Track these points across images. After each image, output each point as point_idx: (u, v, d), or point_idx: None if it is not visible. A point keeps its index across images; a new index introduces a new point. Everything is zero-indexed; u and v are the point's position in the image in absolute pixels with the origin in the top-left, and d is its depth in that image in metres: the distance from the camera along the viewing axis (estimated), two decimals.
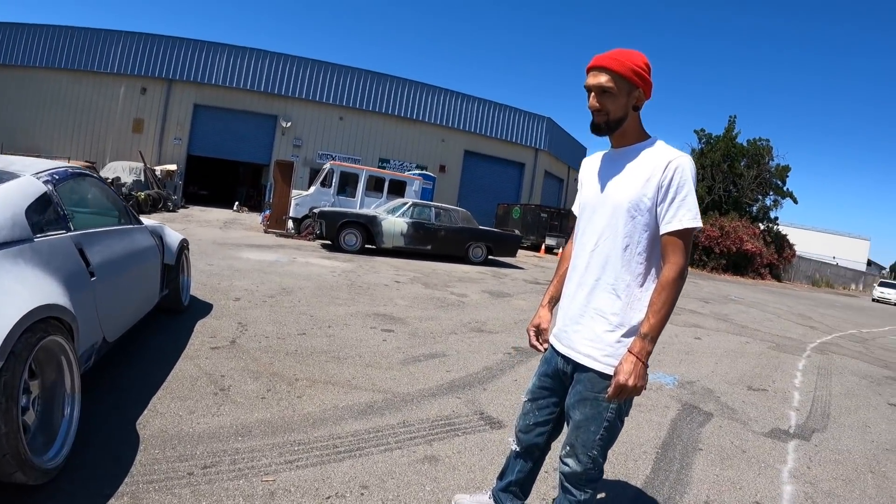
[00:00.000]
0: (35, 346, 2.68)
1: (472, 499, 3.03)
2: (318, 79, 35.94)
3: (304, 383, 4.69)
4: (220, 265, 10.40)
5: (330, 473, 3.24)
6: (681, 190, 2.20)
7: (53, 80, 33.50)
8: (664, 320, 2.21)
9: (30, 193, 3.36)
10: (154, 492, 2.84)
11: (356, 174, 20.78)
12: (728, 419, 5.28)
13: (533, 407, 2.73)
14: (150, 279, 5.32)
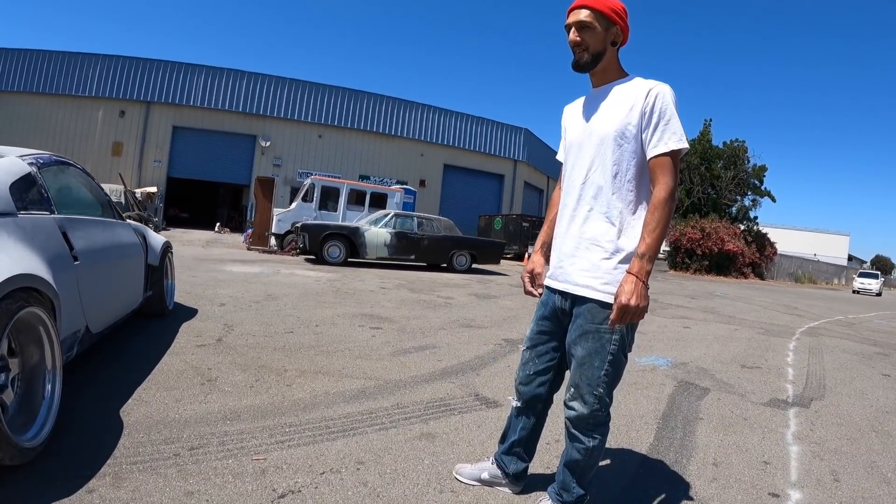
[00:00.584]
0: (14, 314, 2.65)
1: (475, 467, 2.94)
2: (295, 97, 35.92)
3: (293, 374, 4.59)
4: (203, 277, 10.28)
5: (324, 451, 3.14)
6: (664, 115, 2.25)
7: (30, 104, 33.22)
8: (660, 239, 2.20)
9: (13, 172, 3.39)
10: (138, 472, 2.73)
11: (337, 188, 20.72)
12: (725, 392, 5.24)
13: (532, 355, 2.66)
14: (133, 276, 5.25)
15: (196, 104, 34.41)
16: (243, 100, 35.00)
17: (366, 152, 37.61)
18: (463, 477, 2.92)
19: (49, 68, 33.40)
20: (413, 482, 2.86)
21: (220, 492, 2.60)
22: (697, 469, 3.36)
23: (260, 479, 2.75)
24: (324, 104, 36.55)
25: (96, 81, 33.55)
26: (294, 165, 35.59)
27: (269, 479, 2.76)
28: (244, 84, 35.06)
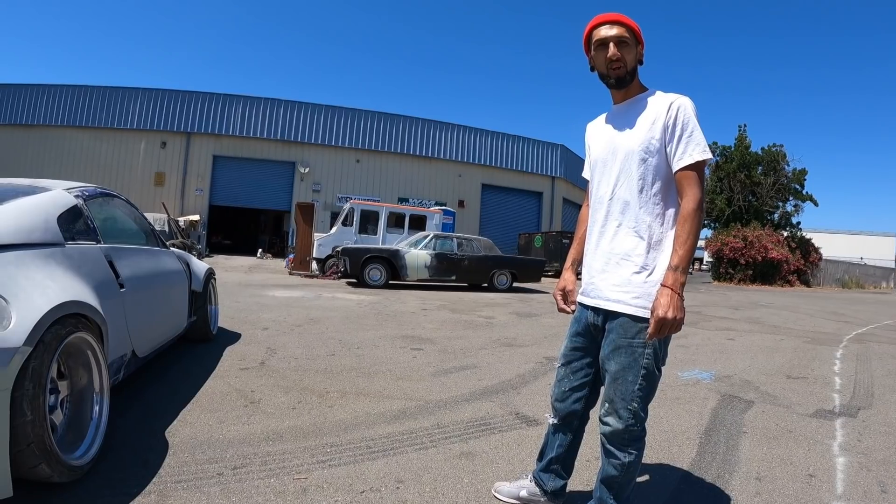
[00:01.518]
0: (64, 339, 2.78)
1: (513, 485, 2.94)
2: (332, 123, 36.42)
3: (335, 395, 4.64)
4: (246, 302, 10.47)
5: (364, 471, 3.16)
6: (686, 127, 2.28)
7: (74, 138, 34.31)
8: (691, 251, 2.22)
9: (60, 204, 3.60)
10: (182, 490, 2.81)
11: (377, 212, 20.87)
12: (770, 405, 5.14)
13: (567, 371, 2.66)
14: (178, 302, 5.40)
15: (235, 133, 35.15)
16: (281, 127, 35.62)
17: (404, 175, 37.88)
18: (501, 495, 2.91)
19: (92, 103, 34.55)
20: (452, 500, 2.86)
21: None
22: (740, 484, 3.30)
23: (301, 498, 2.78)
24: (361, 129, 36.98)
25: (138, 114, 34.59)
26: (333, 190, 35.96)
27: (309, 497, 2.79)
28: (282, 112, 35.71)
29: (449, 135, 39.12)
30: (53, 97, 34.66)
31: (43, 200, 3.52)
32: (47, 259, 3.07)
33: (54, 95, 34.67)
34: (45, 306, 2.67)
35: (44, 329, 2.60)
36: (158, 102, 34.73)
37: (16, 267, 2.80)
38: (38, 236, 3.15)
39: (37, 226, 3.20)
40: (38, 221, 3.24)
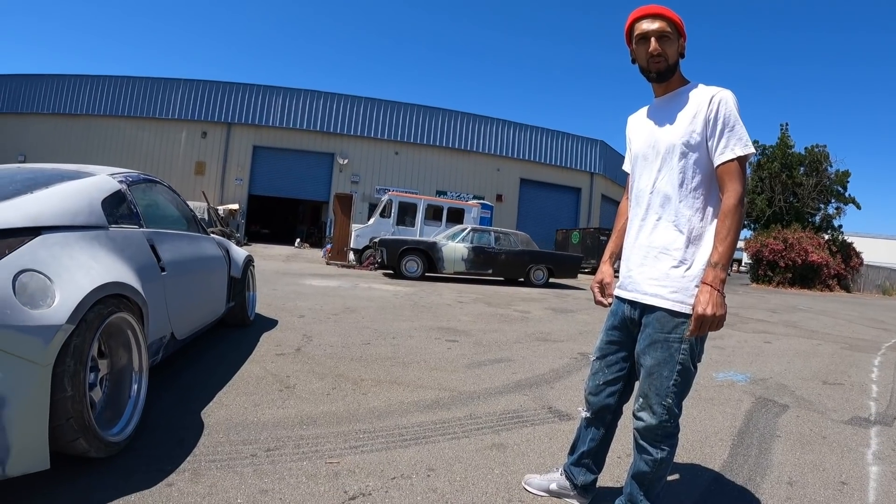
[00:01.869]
0: (106, 319, 2.87)
1: (544, 477, 2.93)
2: (372, 115, 36.47)
3: (369, 383, 4.68)
4: (284, 290, 10.58)
5: (395, 458, 3.19)
6: (728, 121, 2.24)
7: (117, 127, 35.08)
8: (732, 247, 2.19)
9: (105, 189, 3.72)
10: (216, 469, 2.88)
11: (415, 204, 20.90)
12: (805, 410, 5.04)
13: (602, 365, 2.65)
14: (217, 287, 5.50)
15: (275, 124, 35.45)
16: (321, 119, 35.82)
17: (442, 168, 37.80)
18: (531, 487, 2.91)
19: (134, 93, 35.27)
20: (482, 490, 2.86)
21: (293, 491, 2.69)
22: (771, 488, 3.25)
23: (332, 482, 2.81)
24: (400, 121, 36.97)
25: (179, 105, 35.21)
26: (371, 182, 36.07)
27: (341, 481, 2.83)
28: (321, 104, 35.90)
29: (488, 129, 38.87)
30: (97, 87, 35.54)
31: (88, 185, 3.62)
32: (91, 241, 3.16)
33: (98, 86, 35.54)
34: (88, 286, 2.76)
35: (86, 308, 2.69)
36: (200, 93, 35.27)
37: (60, 248, 2.88)
38: (82, 219, 3.24)
39: (81, 209, 3.30)
40: (82, 205, 3.34)
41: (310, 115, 35.70)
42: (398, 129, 36.94)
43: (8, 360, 2.31)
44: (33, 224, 2.89)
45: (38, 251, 2.74)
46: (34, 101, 36.21)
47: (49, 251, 2.79)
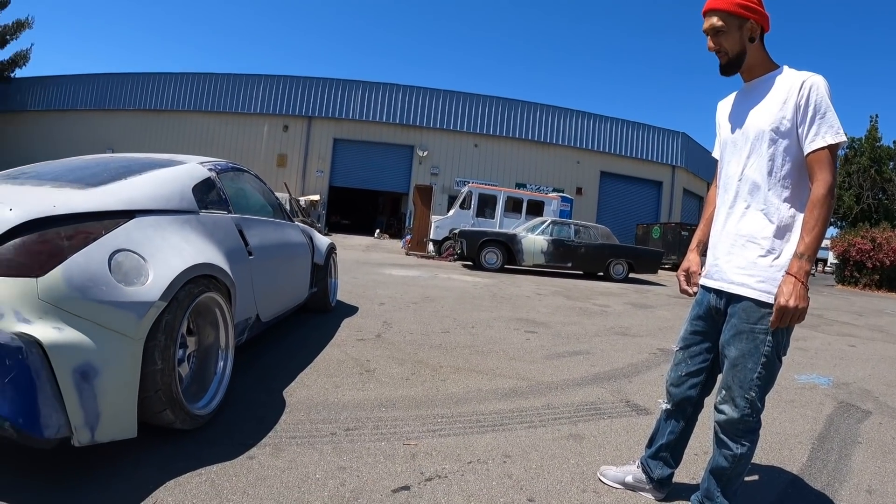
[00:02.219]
0: (196, 297, 3.03)
1: (619, 469, 2.89)
2: (451, 108, 36.55)
3: (448, 370, 4.72)
4: (364, 279, 10.76)
5: (472, 443, 3.21)
6: (819, 108, 2.16)
7: (201, 122, 36.58)
8: (819, 238, 2.12)
9: (195, 176, 3.91)
10: (296, 445, 2.97)
11: (494, 195, 20.86)
12: (888, 417, 4.80)
13: (685, 355, 2.60)
14: (300, 272, 5.66)
15: (355, 118, 35.96)
16: (400, 112, 36.10)
17: (521, 161, 37.52)
18: (607, 479, 2.88)
19: (218, 90, 36.65)
20: (557, 479, 2.85)
21: (370, 469, 2.75)
22: (850, 494, 3.12)
23: (409, 463, 2.86)
24: (479, 114, 36.89)
25: (261, 100, 36.28)
26: (451, 174, 36.16)
27: (418, 462, 2.87)
28: (400, 97, 36.19)
29: (567, 120, 38.29)
30: (180, 84, 37.15)
31: (179, 172, 3.80)
32: (183, 225, 3.32)
33: (181, 83, 37.15)
34: (180, 266, 2.91)
35: (178, 287, 2.84)
36: (281, 88, 36.23)
37: (154, 230, 3.03)
38: (174, 204, 3.41)
39: (173, 194, 3.47)
40: (174, 190, 3.51)
41: (389, 108, 36.05)
42: (477, 121, 36.86)
43: (103, 333, 2.46)
44: (128, 207, 3.04)
45: (133, 233, 2.88)
46: (120, 99, 38.13)
47: (143, 233, 2.93)
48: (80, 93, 39.04)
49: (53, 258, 2.46)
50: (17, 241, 2.45)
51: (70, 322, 2.39)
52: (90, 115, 38.42)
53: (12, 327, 2.29)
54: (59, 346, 2.32)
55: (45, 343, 2.29)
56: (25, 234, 2.48)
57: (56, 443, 2.34)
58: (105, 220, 2.82)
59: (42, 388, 2.28)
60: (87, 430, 2.40)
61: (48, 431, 2.28)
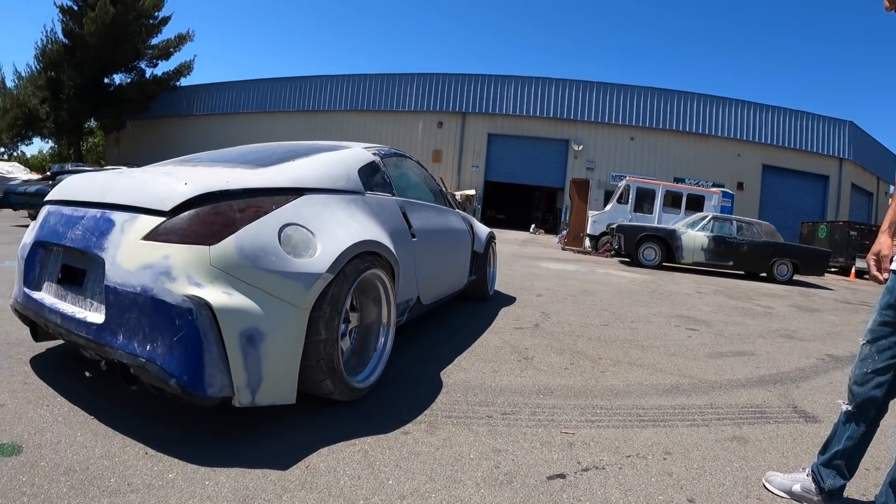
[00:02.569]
0: (361, 273, 3.15)
1: (787, 477, 2.66)
2: (606, 100, 35.78)
3: (607, 362, 4.63)
4: (521, 271, 10.84)
5: (632, 436, 3.11)
6: None
7: (357, 121, 38.14)
8: None
9: (360, 159, 4.08)
10: (451, 425, 3.00)
11: (653, 190, 20.24)
12: None
13: (872, 350, 2.35)
14: (461, 259, 5.74)
15: (509, 112, 36.05)
16: (554, 106, 35.78)
17: (678, 154, 36.01)
18: (772, 486, 2.66)
19: (373, 89, 38.14)
20: (719, 482, 2.70)
21: (526, 455, 2.72)
22: None
23: (566, 451, 2.80)
24: (634, 106, 35.84)
25: (415, 98, 37.31)
26: (607, 168, 35.44)
27: (575, 452, 2.81)
28: (554, 90, 35.87)
29: (726, 111, 36.27)
30: (337, 86, 39.09)
31: (345, 155, 3.97)
32: (349, 204, 3.47)
33: (338, 84, 39.13)
34: (347, 241, 3.05)
35: (345, 261, 2.98)
36: (435, 86, 37.02)
37: (322, 207, 3.18)
38: (341, 184, 3.57)
39: (340, 175, 3.62)
40: (341, 172, 3.66)
41: (543, 103, 35.84)
42: (633, 113, 35.85)
43: (270, 301, 2.59)
44: (297, 185, 3.19)
45: (302, 209, 3.03)
46: (280, 101, 40.70)
47: (312, 209, 3.08)
48: (242, 97, 42.18)
49: (226, 228, 2.63)
50: (192, 212, 2.63)
51: (239, 288, 2.54)
52: (252, 117, 41.26)
53: (184, 290, 2.45)
54: (228, 309, 2.47)
55: (215, 306, 2.44)
56: (200, 206, 2.66)
57: (218, 401, 2.50)
58: (275, 197, 2.97)
59: (209, 349, 2.43)
60: (249, 392, 2.55)
61: (211, 390, 2.45)
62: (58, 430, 2.69)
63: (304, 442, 2.68)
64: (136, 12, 38.59)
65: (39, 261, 3.30)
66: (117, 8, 36.50)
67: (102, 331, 2.62)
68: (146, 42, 40.84)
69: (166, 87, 42.05)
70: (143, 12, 39.22)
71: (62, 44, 38.02)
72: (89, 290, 2.85)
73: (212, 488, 2.25)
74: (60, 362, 3.73)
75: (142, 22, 39.61)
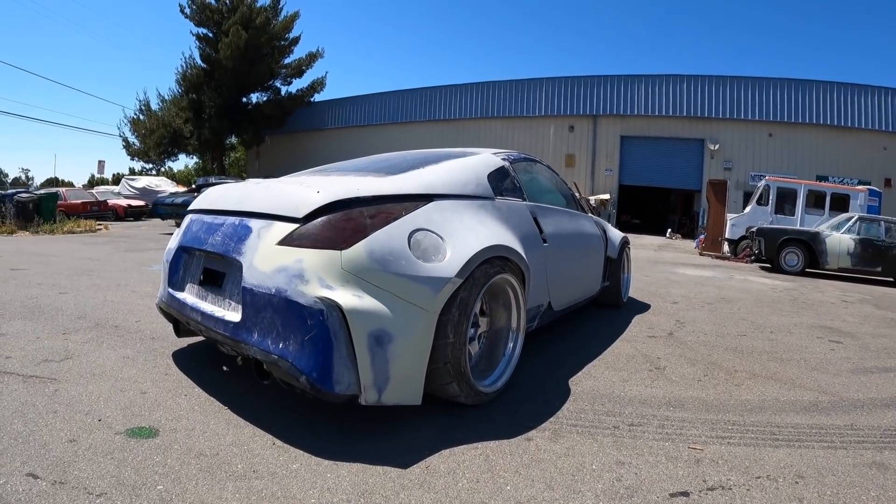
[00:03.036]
0: (491, 278, 3.20)
1: None
2: (740, 95, 33.80)
3: (742, 375, 4.44)
4: (656, 277, 10.66)
5: (763, 456, 2.96)
6: None
7: (489, 128, 38.33)
8: None
9: (490, 164, 4.13)
10: (576, 434, 2.98)
11: (794, 189, 19.09)
12: None
13: None
14: (593, 264, 5.70)
15: (640, 113, 34.97)
16: (687, 104, 34.30)
17: (820, 149, 33.16)
18: None
19: (503, 96, 38.22)
20: None
21: (650, 469, 2.66)
22: None
23: (693, 468, 2.72)
24: (771, 99, 33.50)
25: (546, 102, 36.99)
26: (745, 168, 33.58)
27: (702, 469, 2.72)
28: (685, 87, 34.35)
29: (871, 100, 32.79)
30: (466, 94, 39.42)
31: (474, 161, 4.03)
32: (478, 209, 3.53)
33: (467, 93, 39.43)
34: (477, 246, 3.09)
35: (474, 266, 3.03)
36: (565, 90, 36.49)
37: (451, 212, 3.25)
38: (470, 189, 3.64)
39: (469, 181, 3.71)
40: (470, 178, 3.74)
41: (675, 101, 34.50)
42: (770, 107, 33.54)
43: (399, 303, 2.68)
44: (426, 192, 3.28)
45: (431, 214, 3.11)
46: (412, 111, 41.59)
47: (441, 215, 3.16)
48: (374, 109, 43.35)
49: (357, 234, 2.74)
50: (324, 219, 2.78)
51: (369, 291, 2.64)
52: (385, 128, 42.32)
53: (316, 292, 2.57)
54: (358, 311, 2.57)
55: (345, 307, 2.55)
56: (332, 213, 2.80)
57: (345, 399, 2.61)
58: (405, 203, 3.06)
59: (338, 348, 2.54)
60: (375, 391, 2.64)
61: (339, 388, 2.56)
62: (193, 418, 2.93)
63: (425, 442, 2.75)
64: (268, 35, 40.72)
65: (183, 264, 3.59)
66: (249, 32, 38.66)
67: (239, 328, 2.81)
68: (279, 62, 42.95)
69: (301, 103, 44.05)
70: (274, 35, 41.35)
71: (201, 68, 40.85)
72: (227, 291, 3.08)
73: (332, 481, 2.35)
74: (199, 357, 4.04)
75: (274, 44, 41.74)
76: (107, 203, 25.15)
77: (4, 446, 2.53)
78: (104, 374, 3.58)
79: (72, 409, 2.99)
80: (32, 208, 17.21)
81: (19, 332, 4.57)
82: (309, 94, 44.52)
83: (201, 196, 3.81)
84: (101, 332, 4.63)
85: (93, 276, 7.75)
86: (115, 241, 13.75)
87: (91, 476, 2.30)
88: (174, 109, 41.42)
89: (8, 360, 3.80)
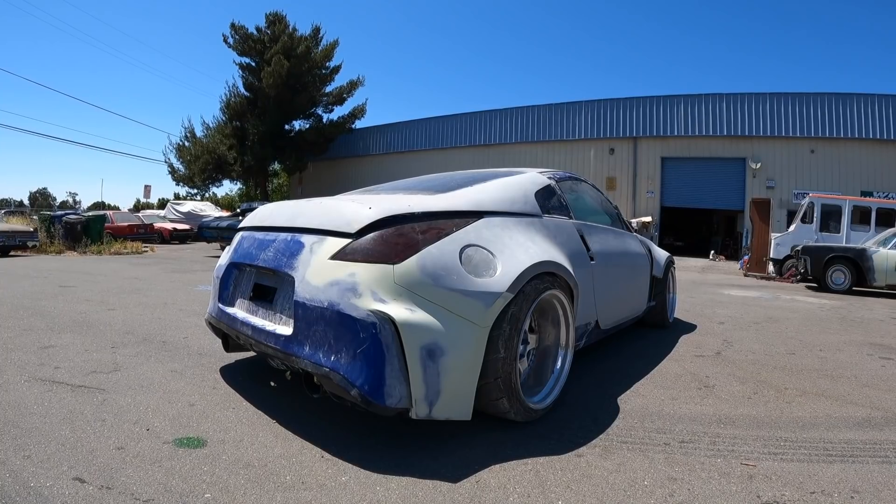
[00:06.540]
0: (541, 294, 3.22)
1: None
2: (781, 112, 33.11)
3: (793, 392, 4.38)
4: (701, 298, 10.56)
5: (817, 472, 2.91)
6: None
7: (529, 152, 38.02)
8: None
9: (537, 182, 4.22)
10: (627, 450, 2.96)
11: (839, 206, 18.68)
12: None
13: None
14: (640, 284, 5.70)
15: (680, 133, 34.51)
16: (726, 122, 33.75)
17: (864, 164, 32.23)
18: None
19: (543, 119, 38.09)
20: None
21: (703, 485, 2.63)
22: None
23: (746, 483, 2.68)
24: (812, 115, 32.73)
25: (585, 125, 36.76)
26: (787, 186, 32.82)
27: (755, 485, 2.68)
28: (725, 106, 33.85)
29: None
30: (507, 119, 39.50)
31: (522, 179, 4.10)
32: (527, 226, 3.60)
33: (507, 117, 39.49)
34: (527, 262, 3.13)
35: (524, 281, 3.05)
36: (604, 112, 36.27)
37: (501, 229, 3.31)
38: (518, 207, 3.71)
39: (518, 198, 3.78)
40: (518, 195, 3.82)
41: (715, 120, 34.00)
42: (811, 123, 32.67)
43: (451, 318, 2.70)
44: (476, 208, 3.34)
45: (482, 230, 3.17)
46: (453, 137, 41.76)
47: (491, 231, 3.22)
48: (415, 135, 43.65)
49: (409, 249, 2.79)
50: (377, 234, 2.84)
51: (421, 305, 2.67)
52: (426, 154, 42.55)
53: (369, 305, 2.61)
54: (410, 324, 2.60)
55: (398, 321, 2.58)
56: (384, 228, 2.85)
57: (395, 412, 2.64)
58: (455, 219, 3.12)
59: (390, 361, 2.57)
60: (426, 404, 2.65)
61: (390, 401, 2.58)
62: (241, 430, 2.98)
63: (476, 457, 2.75)
64: (309, 64, 41.31)
65: (233, 280, 3.67)
66: (291, 61, 39.30)
67: (290, 342, 2.86)
68: (321, 90, 43.58)
69: (343, 130, 44.63)
70: (315, 63, 41.93)
71: (244, 96, 41.66)
72: (279, 306, 3.14)
73: (382, 493, 2.36)
74: (247, 372, 4.13)
75: (315, 72, 42.36)
76: (153, 226, 25.75)
77: (52, 451, 2.62)
78: (152, 386, 3.69)
79: (120, 419, 3.08)
80: (80, 229, 17.88)
81: (68, 344, 4.73)
82: (350, 120, 45.12)
83: (252, 213, 3.93)
84: (148, 347, 4.76)
85: (140, 294, 7.93)
86: (162, 263, 14.06)
87: (138, 482, 2.36)
88: (218, 136, 42.28)
89: (57, 370, 3.95)
